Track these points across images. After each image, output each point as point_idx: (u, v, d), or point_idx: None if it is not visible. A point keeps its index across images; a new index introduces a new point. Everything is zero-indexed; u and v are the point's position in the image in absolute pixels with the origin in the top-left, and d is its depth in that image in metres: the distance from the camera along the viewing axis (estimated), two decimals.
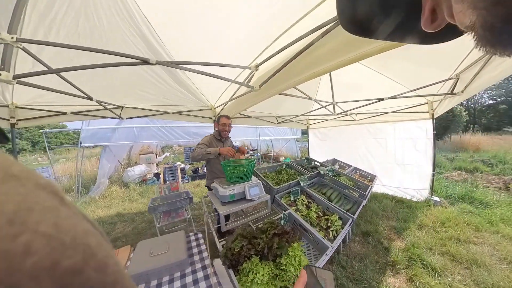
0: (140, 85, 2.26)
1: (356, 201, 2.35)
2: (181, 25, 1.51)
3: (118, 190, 5.08)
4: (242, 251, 1.06)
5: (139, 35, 1.58)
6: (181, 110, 3.10)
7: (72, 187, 5.00)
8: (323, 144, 5.58)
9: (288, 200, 2.13)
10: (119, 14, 1.44)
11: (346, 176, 2.97)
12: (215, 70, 1.68)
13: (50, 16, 1.43)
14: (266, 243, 1.11)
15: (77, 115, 2.60)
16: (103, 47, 1.69)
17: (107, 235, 2.90)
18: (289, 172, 2.70)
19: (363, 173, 3.58)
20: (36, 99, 2.26)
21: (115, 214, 3.70)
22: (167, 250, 1.24)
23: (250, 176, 1.78)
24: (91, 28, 1.53)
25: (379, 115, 3.93)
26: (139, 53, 1.71)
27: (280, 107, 3.87)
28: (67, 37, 1.58)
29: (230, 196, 1.56)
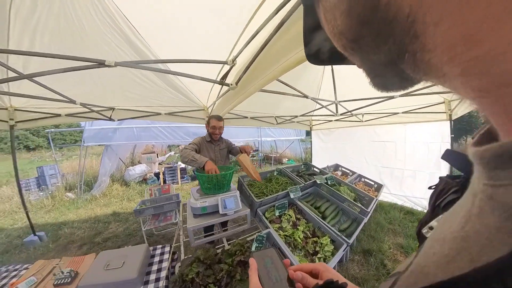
0: (128, 87, 2.28)
1: (356, 218, 1.99)
2: (163, 24, 1.47)
3: (119, 188, 5.21)
4: (197, 279, 0.94)
5: (121, 36, 1.58)
6: (173, 111, 3.11)
7: (76, 185, 5.18)
8: (326, 147, 5.14)
9: (273, 215, 1.83)
10: (97, 16, 1.45)
11: (348, 186, 2.58)
12: (194, 67, 1.63)
13: (33, 23, 1.47)
14: (228, 272, 0.98)
15: (71, 117, 2.68)
16: (85, 49, 1.73)
17: (99, 234, 3.01)
18: (281, 180, 2.34)
19: (368, 182, 3.17)
20: (30, 102, 2.34)
21: (111, 213, 3.79)
22: (122, 265, 1.15)
23: (226, 187, 1.64)
24: (72, 31, 1.55)
25: (389, 116, 3.52)
26: (122, 53, 1.71)
27: (280, 107, 3.58)
28: (52, 41, 1.62)
29: (201, 209, 1.43)
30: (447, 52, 0.12)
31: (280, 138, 9.61)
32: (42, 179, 5.46)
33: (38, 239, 2.82)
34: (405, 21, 0.12)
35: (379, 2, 0.13)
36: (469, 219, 0.14)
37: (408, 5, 0.12)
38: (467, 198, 0.16)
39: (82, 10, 1.40)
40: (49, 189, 5.27)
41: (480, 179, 0.14)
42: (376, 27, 0.14)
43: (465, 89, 0.13)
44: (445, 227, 0.17)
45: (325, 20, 0.20)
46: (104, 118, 2.68)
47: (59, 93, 1.76)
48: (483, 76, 0.11)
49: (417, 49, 0.13)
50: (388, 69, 0.18)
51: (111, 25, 1.50)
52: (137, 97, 2.51)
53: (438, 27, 0.11)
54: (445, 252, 0.15)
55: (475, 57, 0.11)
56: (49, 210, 4.20)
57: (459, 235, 0.14)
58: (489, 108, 0.13)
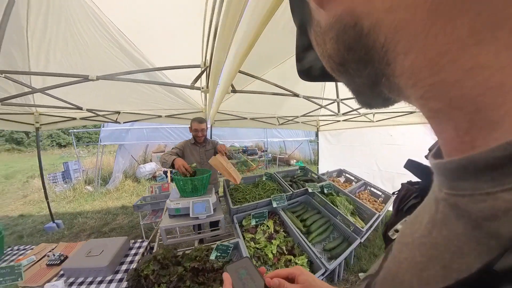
0: (131, 93, 2.54)
1: (349, 237, 1.71)
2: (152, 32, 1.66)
3: (130, 184, 5.67)
4: (151, 276, 0.99)
5: (117, 46, 1.79)
6: (173, 114, 3.35)
7: (94, 179, 5.74)
8: (334, 149, 4.75)
9: (249, 224, 1.71)
10: (96, 31, 1.68)
11: (346, 196, 2.23)
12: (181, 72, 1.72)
13: (46, 43, 1.76)
14: (180, 276, 1.01)
15: (84, 120, 3.05)
16: (89, 62, 1.99)
17: (107, 225, 3.36)
18: (268, 186, 2.19)
19: (375, 192, 2.73)
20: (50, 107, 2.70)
21: (120, 206, 4.17)
22: (99, 253, 1.28)
23: (202, 191, 1.64)
24: (78, 46, 1.81)
25: (404, 115, 3.10)
26: (120, 63, 1.93)
27: (282, 107, 3.42)
28: (64, 58, 1.91)
29: (175, 210, 1.49)
30: (412, 78, 0.13)
31: (287, 138, 9.41)
32: (67, 173, 6.11)
33: (56, 226, 3.24)
34: (380, 50, 0.14)
35: (362, 31, 0.15)
36: (435, 225, 0.15)
37: (383, 35, 0.14)
38: (430, 204, 0.16)
39: (83, 28, 1.65)
40: (72, 182, 5.89)
41: (441, 188, 0.15)
42: (359, 53, 0.16)
43: (423, 110, 0.15)
44: (410, 230, 0.18)
45: (316, 43, 0.22)
46: (111, 121, 3.00)
47: (67, 101, 2.05)
48: (440, 99, 0.13)
49: (390, 74, 0.15)
50: (370, 90, 0.19)
51: (108, 38, 1.72)
52: (138, 101, 2.77)
53: (407, 56, 0.13)
54: (416, 259, 0.15)
55: (435, 83, 0.12)
56: (70, 200, 4.74)
57: (428, 241, 0.15)
58: (441, 127, 0.14)
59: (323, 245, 1.67)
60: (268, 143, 9.06)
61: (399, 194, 0.85)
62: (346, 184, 2.96)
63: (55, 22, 1.56)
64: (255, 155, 10.09)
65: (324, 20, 0.18)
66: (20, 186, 6.39)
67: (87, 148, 14.05)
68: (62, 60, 1.91)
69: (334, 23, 0.17)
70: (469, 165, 0.11)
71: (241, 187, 2.14)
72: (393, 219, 0.83)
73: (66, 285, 1.12)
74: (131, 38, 1.76)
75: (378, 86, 0.17)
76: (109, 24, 1.65)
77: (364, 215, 2.08)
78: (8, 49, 1.55)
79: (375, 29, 0.14)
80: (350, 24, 0.15)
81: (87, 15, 1.55)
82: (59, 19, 1.55)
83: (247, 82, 2.17)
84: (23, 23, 1.49)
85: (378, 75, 0.16)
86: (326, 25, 0.18)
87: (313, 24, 0.21)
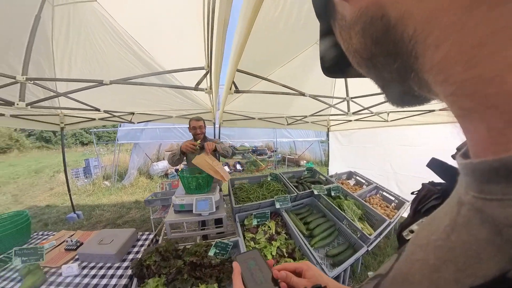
0: (143, 95, 2.71)
1: (354, 244, 1.60)
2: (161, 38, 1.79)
3: (144, 180, 5.98)
4: (153, 267, 1.05)
5: (131, 53, 1.95)
6: (183, 114, 3.50)
7: (111, 175, 6.14)
8: (345, 150, 4.54)
9: (250, 223, 1.70)
10: (112, 39, 1.84)
11: (355, 201, 2.11)
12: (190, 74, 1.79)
13: (68, 51, 1.95)
14: (179, 269, 1.05)
15: (103, 121, 3.29)
16: (106, 67, 2.15)
17: (121, 218, 3.59)
18: (272, 187, 2.15)
19: (387, 196, 2.53)
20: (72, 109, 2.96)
21: (134, 201, 4.43)
22: (110, 242, 1.39)
23: (206, 188, 1.70)
24: (95, 53, 1.99)
25: (422, 114, 2.87)
26: (133, 67, 2.08)
27: (290, 107, 3.35)
28: (84, 64, 2.09)
29: (180, 206, 1.56)
30: (442, 73, 0.13)
31: (297, 139, 9.17)
32: (88, 169, 6.58)
33: (76, 217, 3.54)
34: (408, 43, 0.14)
35: (389, 23, 0.14)
36: (454, 228, 0.14)
37: (412, 26, 0.13)
38: (451, 206, 0.16)
39: (100, 36, 1.82)
40: (92, 177, 6.33)
41: (468, 190, 0.14)
42: (387, 46, 0.15)
43: (453, 107, 0.14)
44: (427, 232, 0.17)
45: (340, 37, 0.21)
46: (126, 121, 3.22)
47: (87, 104, 2.25)
48: (473, 97, 0.12)
49: (419, 69, 0.14)
50: (400, 86, 0.18)
51: (122, 45, 1.88)
52: (150, 102, 2.95)
53: (438, 49, 0.12)
54: (430, 261, 0.15)
55: (469, 78, 0.11)
56: (90, 194, 5.11)
57: (445, 244, 0.14)
58: (472, 126, 0.13)
59: (326, 250, 1.58)
60: (277, 143, 8.97)
61: (419, 194, 0.82)
62: (356, 187, 2.81)
63: (75, 33, 1.74)
64: (265, 155, 10.11)
65: (349, 13, 0.18)
66: (48, 179, 6.99)
67: (106, 146, 14.87)
68: (82, 67, 2.11)
69: (359, 16, 0.16)
70: (502, 168, 0.11)
71: (246, 187, 2.17)
72: (410, 219, 0.83)
73: (80, 268, 1.26)
74: (142, 43, 1.90)
75: (408, 82, 0.17)
76: (122, 32, 1.80)
77: (374, 221, 1.93)
78: (37, 58, 1.75)
79: (403, 20, 0.13)
80: (377, 16, 0.15)
81: (102, 25, 1.71)
82: (79, 30, 1.72)
83: (253, 82, 2.20)
84: (48, 35, 1.68)
85: (407, 70, 0.15)
86: (352, 19, 0.17)
87: (337, 18, 0.20)
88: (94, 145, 7.53)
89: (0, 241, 1.41)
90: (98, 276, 1.21)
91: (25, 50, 1.22)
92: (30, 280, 1.08)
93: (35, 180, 6.98)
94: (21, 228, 1.54)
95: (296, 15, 1.39)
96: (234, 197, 1.95)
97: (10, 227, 1.47)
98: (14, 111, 2.41)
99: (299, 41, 1.88)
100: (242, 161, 9.07)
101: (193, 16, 1.49)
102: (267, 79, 1.83)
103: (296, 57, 2.12)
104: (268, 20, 1.30)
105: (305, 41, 1.94)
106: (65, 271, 1.20)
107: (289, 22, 1.42)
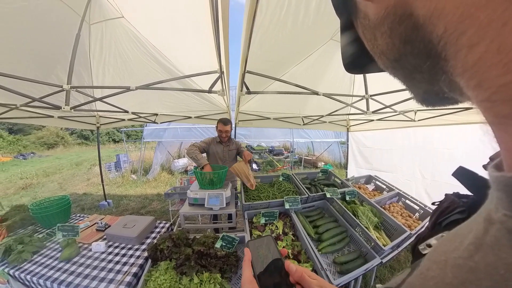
0: (165, 97, 2.97)
1: (366, 254, 1.48)
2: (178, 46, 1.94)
3: (166, 176, 6.46)
4: (166, 251, 1.17)
5: (154, 60, 2.16)
6: (201, 115, 3.72)
7: (138, 170, 6.74)
8: (367, 152, 4.22)
9: (258, 221, 1.72)
10: (137, 49, 2.07)
11: (372, 207, 1.95)
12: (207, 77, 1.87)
13: (102, 61, 2.24)
14: (187, 256, 1.14)
15: (131, 121, 3.67)
16: (133, 74, 2.39)
17: (144, 208, 3.96)
18: (284, 187, 2.16)
19: (410, 205, 2.25)
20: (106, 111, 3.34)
21: (156, 194, 4.84)
22: (132, 227, 1.58)
23: (218, 185, 1.80)
24: (124, 62, 2.25)
25: (455, 113, 2.57)
26: (156, 73, 2.29)
27: (306, 106, 3.27)
28: (115, 72, 2.38)
29: (193, 200, 1.69)
30: (476, 77, 0.12)
31: (315, 139, 8.85)
32: (118, 163, 7.30)
33: (107, 204, 4.02)
34: (437, 44, 0.13)
35: (418, 22, 0.13)
36: (479, 248, 0.13)
37: (443, 26, 0.12)
38: (477, 223, 0.14)
39: (127, 47, 2.07)
40: (122, 171, 7.01)
41: (498, 207, 0.12)
42: (417, 46, 0.15)
43: (487, 114, 0.13)
44: (446, 248, 0.16)
45: (363, 36, 0.20)
46: (150, 121, 3.55)
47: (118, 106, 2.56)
48: (511, 104, 0.11)
49: (450, 72, 0.13)
50: (430, 86, 0.17)
51: (146, 54, 2.10)
52: (172, 104, 3.21)
53: (471, 50, 0.11)
54: (446, 279, 0.14)
55: (508, 83, 0.10)
56: (119, 185, 5.70)
57: (466, 264, 0.13)
58: (507, 135, 0.12)
59: (334, 257, 1.50)
60: (294, 143, 8.73)
61: (441, 205, 0.76)
62: (375, 193, 2.60)
63: (107, 46, 2.02)
64: (281, 156, 10.07)
65: (373, 13, 0.17)
66: (86, 171, 7.93)
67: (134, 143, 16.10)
68: (114, 74, 2.41)
69: (386, 15, 0.16)
70: None
71: (257, 186, 2.20)
72: (428, 232, 0.75)
73: (106, 246, 1.49)
74: (164, 51, 2.08)
75: (438, 84, 0.16)
76: (146, 42, 2.02)
77: (392, 231, 1.77)
78: (78, 69, 2.07)
79: (432, 19, 0.13)
80: (405, 14, 0.14)
81: (129, 37, 1.96)
82: (110, 42, 1.99)
83: (267, 83, 2.24)
84: (86, 48, 1.97)
85: (438, 72, 0.15)
86: (376, 19, 0.17)
87: (360, 16, 0.19)
88: (124, 142, 8.40)
89: (47, 218, 1.73)
90: (120, 255, 1.43)
91: (69, 63, 1.48)
92: (67, 251, 1.33)
93: (76, 172, 7.98)
94: (64, 209, 1.86)
95: (304, 12, 1.39)
96: (245, 195, 2.03)
97: (56, 207, 1.79)
98: (60, 113, 2.84)
99: (311, 39, 1.86)
100: (259, 160, 9.16)
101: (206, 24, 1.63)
102: (278, 79, 1.85)
103: (310, 55, 2.11)
104: (275, 21, 1.34)
105: (318, 39, 1.92)
106: (94, 247, 1.44)
107: (297, 20, 1.42)
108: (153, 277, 1.09)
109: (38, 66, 1.87)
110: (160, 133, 6.37)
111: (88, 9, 1.63)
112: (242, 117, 3.54)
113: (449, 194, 0.72)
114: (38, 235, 1.61)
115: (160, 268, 1.14)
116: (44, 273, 1.24)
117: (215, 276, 1.09)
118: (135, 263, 1.34)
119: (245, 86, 1.83)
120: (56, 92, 1.60)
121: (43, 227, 1.75)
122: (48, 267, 1.28)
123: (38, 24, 1.59)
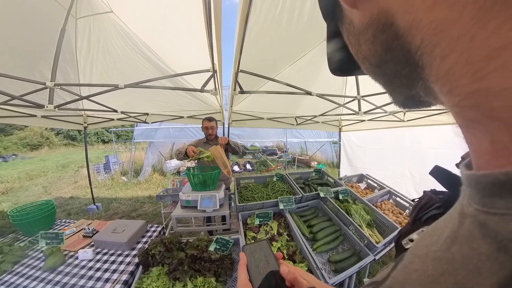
0: (156, 96, 2.88)
1: (360, 252, 1.52)
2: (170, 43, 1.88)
3: (157, 177, 6.30)
4: (157, 256, 1.14)
5: (144, 57, 2.08)
6: (193, 115, 3.65)
7: (128, 171, 6.53)
8: (358, 152, 4.36)
9: (253, 222, 1.70)
10: (127, 45, 1.98)
11: (364, 205, 2.01)
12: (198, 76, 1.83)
13: (89, 58, 2.14)
14: (180, 260, 1.11)
15: (120, 121, 3.54)
16: (122, 71, 2.30)
17: (135, 211, 3.84)
18: (278, 187, 2.16)
19: (401, 202, 2.35)
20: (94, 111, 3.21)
21: (147, 196, 4.70)
22: (121, 232, 1.51)
23: (211, 186, 1.76)
24: (113, 59, 2.16)
25: (442, 113, 2.67)
26: (146, 71, 2.20)
27: (299, 106, 3.31)
28: (103, 69, 2.28)
29: (186, 202, 1.65)
30: (448, 84, 0.13)
31: (308, 139, 9.01)
32: (107, 165, 7.05)
33: (96, 208, 3.86)
34: (415, 53, 0.14)
35: (398, 32, 0.14)
36: (455, 240, 0.14)
37: (420, 37, 0.13)
38: (453, 217, 0.15)
39: (116, 43, 1.98)
40: (111, 173, 6.77)
41: (470, 202, 0.13)
42: (397, 54, 0.16)
43: (457, 117, 0.14)
44: (427, 242, 0.17)
45: (348, 41, 0.21)
46: (141, 121, 3.43)
47: (106, 105, 2.45)
48: (478, 109, 0.12)
49: (425, 79, 0.15)
50: (408, 91, 0.18)
51: (136, 50, 2.02)
52: (163, 103, 3.12)
53: (444, 60, 0.12)
54: (428, 271, 0.15)
55: (475, 91, 0.11)
56: (109, 188, 5.50)
57: (445, 256, 0.14)
58: (475, 138, 0.13)
59: (329, 255, 1.52)
60: (288, 143, 8.87)
61: (420, 202, 0.81)
62: (367, 191, 2.67)
63: (95, 41, 1.92)
64: (275, 155, 10.13)
65: (357, 20, 0.18)
66: (73, 173, 7.61)
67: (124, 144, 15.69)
68: (102, 71, 2.30)
69: (370, 23, 0.16)
70: (506, 182, 0.11)
71: (251, 186, 2.20)
72: (409, 227, 0.79)
73: (94, 253, 1.41)
74: (154, 48, 2.00)
75: (415, 89, 0.17)
76: (135, 38, 1.94)
77: (384, 229, 1.82)
78: (63, 66, 1.96)
79: (410, 31, 0.13)
80: (388, 23, 0.15)
81: (118, 33, 1.87)
82: (99, 38, 1.90)
83: (261, 83, 2.22)
84: (72, 44, 1.87)
85: (415, 78, 0.16)
86: (361, 26, 0.17)
87: (345, 22, 0.20)
88: (113, 143, 8.12)
89: (29, 225, 1.62)
90: (109, 262, 1.35)
91: (53, 59, 1.39)
92: (51, 260, 1.24)
93: (62, 174, 7.63)
94: (47, 215, 1.75)
95: (299, 11, 1.38)
96: (238, 196, 2.01)
97: (39, 213, 1.69)
98: (44, 112, 2.69)
99: (305, 40, 1.87)
100: (252, 161, 9.15)
101: (199, 22, 1.59)
102: (272, 79, 1.84)
103: (304, 56, 2.12)
104: (270, 19, 1.32)
105: (312, 40, 1.93)
106: (81, 255, 1.36)
107: (292, 19, 1.42)
108: (145, 284, 1.05)
109: (19, 62, 1.75)
110: (151, 133, 6.21)
111: (75, 2, 1.54)
112: (236, 117, 3.51)
113: (427, 191, 0.79)
114: (19, 244, 1.50)
115: (152, 275, 1.10)
116: (27, 284, 1.15)
117: (210, 280, 1.07)
118: (125, 270, 1.27)
119: (238, 85, 1.82)
120: (38, 90, 1.49)
121: (25, 235, 1.64)
122: (31, 278, 1.19)
123: (19, 16, 1.48)
